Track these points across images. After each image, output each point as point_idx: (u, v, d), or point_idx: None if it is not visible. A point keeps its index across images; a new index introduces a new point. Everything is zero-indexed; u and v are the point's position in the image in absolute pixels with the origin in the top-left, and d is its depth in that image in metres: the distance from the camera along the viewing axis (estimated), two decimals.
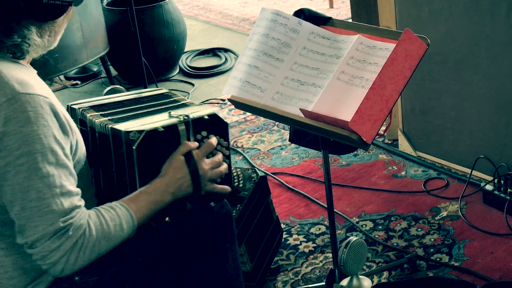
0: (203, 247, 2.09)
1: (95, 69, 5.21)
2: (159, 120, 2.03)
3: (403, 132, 3.64)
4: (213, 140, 2.07)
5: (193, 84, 4.91)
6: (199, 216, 2.08)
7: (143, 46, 4.35)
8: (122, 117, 2.08)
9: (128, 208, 1.91)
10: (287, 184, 3.52)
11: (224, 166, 2.09)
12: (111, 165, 2.05)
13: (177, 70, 5.16)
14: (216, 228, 2.10)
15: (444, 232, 3.03)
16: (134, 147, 1.94)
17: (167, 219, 2.02)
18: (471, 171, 3.29)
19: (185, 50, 5.22)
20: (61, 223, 1.78)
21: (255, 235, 2.73)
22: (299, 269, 2.92)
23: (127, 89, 4.52)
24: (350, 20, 4.04)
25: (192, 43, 5.56)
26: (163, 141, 1.99)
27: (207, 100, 4.60)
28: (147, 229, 2.01)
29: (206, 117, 2.06)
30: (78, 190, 1.85)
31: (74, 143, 1.91)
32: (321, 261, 2.95)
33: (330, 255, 2.95)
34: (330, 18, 2.47)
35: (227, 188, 2.10)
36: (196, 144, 2.04)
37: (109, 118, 2.08)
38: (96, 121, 2.06)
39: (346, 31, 2.38)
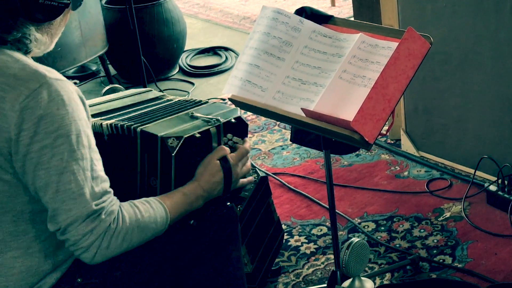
0: (208, 249, 2.10)
1: (93, 68, 5.21)
2: (187, 124, 2.06)
3: (405, 132, 3.64)
4: (247, 145, 2.15)
5: (193, 84, 4.91)
6: (205, 217, 2.09)
7: (143, 45, 4.35)
8: (138, 117, 2.11)
9: (162, 204, 1.93)
10: (288, 185, 3.51)
11: (250, 162, 2.17)
12: (134, 167, 2.06)
13: (177, 69, 5.16)
14: (222, 230, 2.11)
15: (447, 233, 3.02)
16: (173, 154, 1.97)
17: (192, 222, 2.05)
18: (475, 172, 3.29)
19: (185, 49, 5.22)
20: (94, 206, 1.79)
21: (256, 236, 2.73)
22: (300, 270, 2.92)
23: (126, 89, 4.53)
24: (352, 19, 4.04)
25: (192, 42, 5.56)
26: (198, 146, 2.02)
27: (207, 99, 4.59)
28: (174, 229, 2.02)
29: (233, 120, 2.11)
30: (107, 177, 1.87)
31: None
32: (322, 263, 2.95)
33: (332, 256, 2.95)
34: (332, 16, 2.47)
35: (251, 179, 2.18)
36: (229, 150, 2.09)
37: (117, 119, 2.09)
38: (103, 123, 2.09)
39: (348, 29, 2.38)
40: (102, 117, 2.15)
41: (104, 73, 4.98)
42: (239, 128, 2.13)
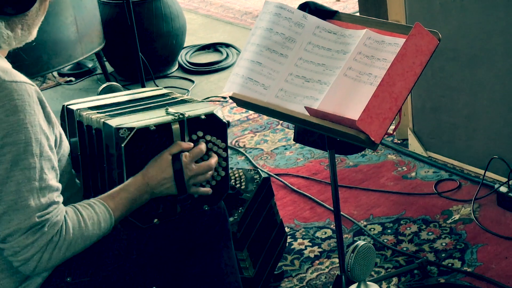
0: (197, 245, 2.11)
1: (90, 65, 5.21)
2: (154, 117, 2.03)
3: (413, 131, 3.64)
4: (203, 146, 2.06)
5: (193, 81, 4.91)
6: (192, 214, 2.09)
7: (141, 41, 4.36)
8: (118, 113, 2.09)
9: (106, 206, 1.92)
10: (291, 186, 3.52)
11: (210, 173, 2.08)
12: (103, 161, 2.06)
13: (176, 66, 5.16)
14: (210, 226, 2.12)
15: (456, 236, 3.03)
16: (122, 145, 1.95)
17: (155, 220, 2.03)
18: (485, 172, 3.29)
19: (185, 45, 5.22)
20: (37, 218, 1.78)
21: (258, 240, 2.73)
22: (304, 275, 2.92)
23: (124, 86, 4.53)
24: (358, 14, 4.04)
25: (191, 38, 5.56)
26: (155, 140, 1.99)
27: (208, 97, 4.60)
28: (139, 230, 2.02)
29: (203, 116, 2.06)
30: (59, 185, 1.85)
31: (58, 135, 1.92)
32: (327, 267, 2.95)
33: (337, 260, 2.95)
34: (336, 11, 2.47)
35: (208, 190, 2.09)
36: (191, 144, 2.04)
37: (106, 114, 2.08)
38: (93, 117, 2.07)
39: (354, 25, 2.39)
40: (99, 110, 2.15)
41: (100, 70, 4.98)
42: (213, 127, 2.08)
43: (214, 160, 2.08)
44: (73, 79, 5.10)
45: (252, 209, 2.69)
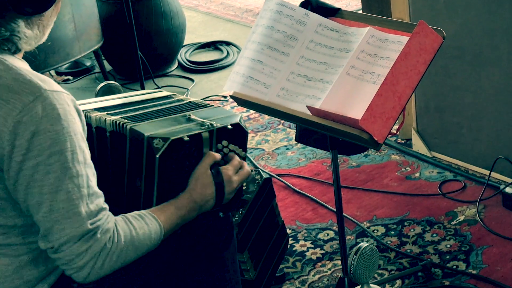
0: (203, 254, 2.11)
1: (88, 64, 5.21)
2: (180, 126, 2.05)
3: (417, 131, 3.64)
4: (237, 158, 2.10)
5: (192, 80, 4.91)
6: (199, 222, 2.09)
7: (139, 39, 4.35)
8: (135, 116, 2.10)
9: (157, 219, 1.93)
10: (293, 187, 3.52)
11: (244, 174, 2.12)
12: (123, 167, 2.06)
13: (176, 65, 5.16)
14: (217, 235, 2.12)
15: (461, 237, 3.03)
16: (157, 156, 1.96)
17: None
18: (490, 173, 3.29)
19: (184, 43, 5.22)
20: (89, 225, 1.79)
21: (259, 241, 2.73)
22: (306, 277, 2.92)
23: (122, 85, 4.53)
24: (361, 11, 4.04)
25: (191, 36, 5.56)
26: (186, 150, 2.01)
27: (208, 97, 4.60)
28: None
29: (230, 126, 2.08)
30: (101, 192, 1.87)
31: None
32: (329, 269, 2.95)
33: (339, 262, 2.95)
34: (339, 9, 2.47)
35: (248, 171, 2.14)
36: (219, 155, 2.07)
37: (121, 116, 2.09)
38: (107, 119, 2.07)
39: (356, 23, 2.39)
40: (108, 112, 2.15)
41: (99, 69, 4.98)
42: (237, 136, 2.11)
43: (247, 168, 2.12)
44: (70, 78, 5.10)
45: (253, 210, 2.69)
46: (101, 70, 4.89)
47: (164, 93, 2.38)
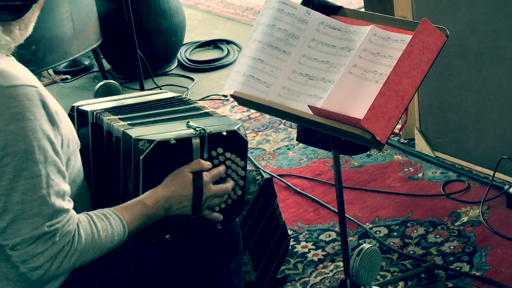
0: (208, 265, 2.11)
1: (86, 63, 5.21)
2: (174, 130, 2.03)
3: (420, 130, 3.64)
4: (222, 168, 2.06)
5: (192, 79, 4.92)
6: (206, 232, 2.08)
7: (139, 38, 4.35)
8: (139, 122, 2.09)
9: (122, 219, 1.91)
10: (294, 187, 3.52)
11: (226, 196, 2.08)
12: (119, 170, 2.07)
13: (175, 64, 5.16)
14: (223, 246, 2.12)
15: (464, 239, 3.03)
16: (141, 158, 1.95)
17: (167, 236, 2.03)
18: (494, 173, 3.29)
19: (184, 42, 5.22)
20: (46, 227, 1.77)
21: (260, 243, 2.73)
22: (307, 279, 2.92)
23: (121, 85, 4.53)
24: (363, 10, 4.04)
25: (191, 35, 5.56)
26: (174, 154, 1.99)
27: (208, 96, 4.60)
28: (150, 244, 2.01)
29: (225, 133, 2.05)
30: (67, 188, 1.84)
31: (66, 135, 1.89)
32: (331, 271, 2.95)
33: (341, 264, 2.95)
34: (341, 7, 2.47)
35: (219, 216, 2.08)
36: (209, 165, 2.03)
37: (128, 122, 2.09)
38: (115, 125, 2.07)
39: (359, 21, 2.39)
40: (108, 111, 2.15)
41: (97, 68, 4.99)
42: (233, 144, 2.08)
43: (230, 184, 2.08)
44: (69, 77, 5.10)
45: (254, 211, 2.69)
46: (100, 69, 4.89)
47: (172, 93, 2.38)
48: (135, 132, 2.00)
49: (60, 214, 1.80)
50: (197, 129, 2.03)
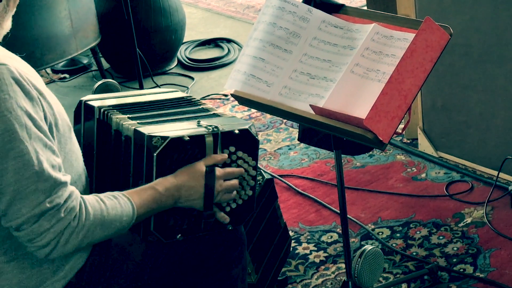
0: (212, 270, 2.11)
1: (85, 62, 5.21)
2: (187, 128, 2.05)
3: (423, 130, 3.64)
4: (237, 170, 2.07)
5: (192, 78, 4.91)
6: (211, 237, 2.09)
7: (138, 36, 4.35)
8: (150, 121, 2.10)
9: (131, 200, 1.91)
10: (295, 188, 3.52)
11: (235, 193, 2.09)
12: (129, 169, 2.07)
13: (175, 63, 5.16)
14: (228, 251, 2.12)
15: (468, 240, 3.03)
16: (154, 154, 1.96)
17: (178, 236, 2.03)
18: (498, 173, 3.29)
19: (184, 40, 5.22)
20: (48, 203, 1.78)
21: (261, 244, 2.73)
22: (309, 281, 2.92)
23: (120, 84, 4.53)
24: (365, 8, 4.04)
25: (191, 33, 5.56)
26: (187, 151, 2.00)
27: (208, 95, 4.60)
28: (156, 245, 2.01)
29: (237, 131, 2.07)
30: (58, 162, 1.83)
31: (52, 115, 1.88)
32: (333, 272, 2.95)
33: (343, 265, 2.95)
34: (343, 5, 2.47)
35: (226, 218, 2.09)
36: (225, 156, 2.05)
37: (138, 121, 2.09)
38: (124, 123, 2.08)
39: (361, 19, 2.39)
40: (116, 109, 2.16)
41: (96, 67, 4.98)
42: (245, 143, 2.10)
43: (235, 181, 2.08)
44: (67, 75, 5.10)
45: (254, 212, 2.69)
46: (99, 68, 4.89)
47: (180, 94, 2.38)
48: (147, 129, 2.01)
49: (59, 188, 1.80)
50: (210, 127, 2.05)
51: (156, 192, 1.95)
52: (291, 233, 3.15)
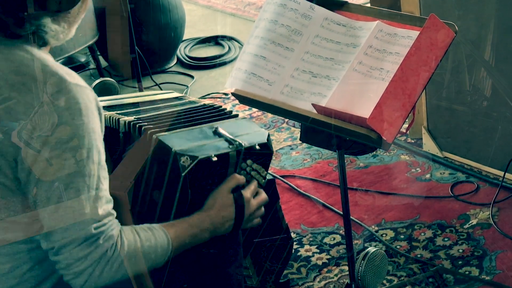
0: (208, 268, 2.12)
1: (82, 60, 5.21)
2: (208, 141, 2.07)
3: (427, 130, 3.64)
4: (255, 182, 2.16)
5: (192, 77, 4.92)
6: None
7: (136, 34, 4.36)
8: (163, 123, 2.12)
9: (166, 233, 1.94)
10: (297, 189, 3.52)
11: (263, 209, 2.19)
12: (142, 173, 2.08)
13: (175, 61, 5.16)
14: (223, 250, 2.13)
15: (473, 242, 3.03)
16: (183, 174, 1.98)
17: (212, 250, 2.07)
18: (504, 174, 3.29)
19: (184, 38, 5.22)
20: (93, 229, 1.80)
21: (262, 246, 2.73)
22: (311, 283, 2.92)
23: (119, 82, 4.54)
24: (369, 5, 4.04)
25: (191, 31, 5.56)
26: (212, 169, 2.03)
27: (208, 94, 4.61)
28: None
29: (258, 147, 2.12)
30: (111, 198, 1.87)
31: None
32: (336, 275, 2.95)
33: (346, 268, 2.95)
34: (346, 2, 2.47)
35: (259, 221, 2.20)
36: (243, 179, 2.11)
37: (148, 122, 2.11)
38: (125, 119, 2.09)
39: (364, 17, 2.39)
40: (119, 111, 2.16)
41: (94, 65, 4.99)
42: (262, 155, 2.14)
43: (264, 195, 2.17)
44: None
45: None
46: (97, 66, 4.89)
47: (174, 94, 2.39)
48: (171, 141, 2.02)
49: (107, 217, 1.83)
50: (234, 143, 2.08)
51: (191, 226, 2.00)
52: (293, 235, 3.15)
